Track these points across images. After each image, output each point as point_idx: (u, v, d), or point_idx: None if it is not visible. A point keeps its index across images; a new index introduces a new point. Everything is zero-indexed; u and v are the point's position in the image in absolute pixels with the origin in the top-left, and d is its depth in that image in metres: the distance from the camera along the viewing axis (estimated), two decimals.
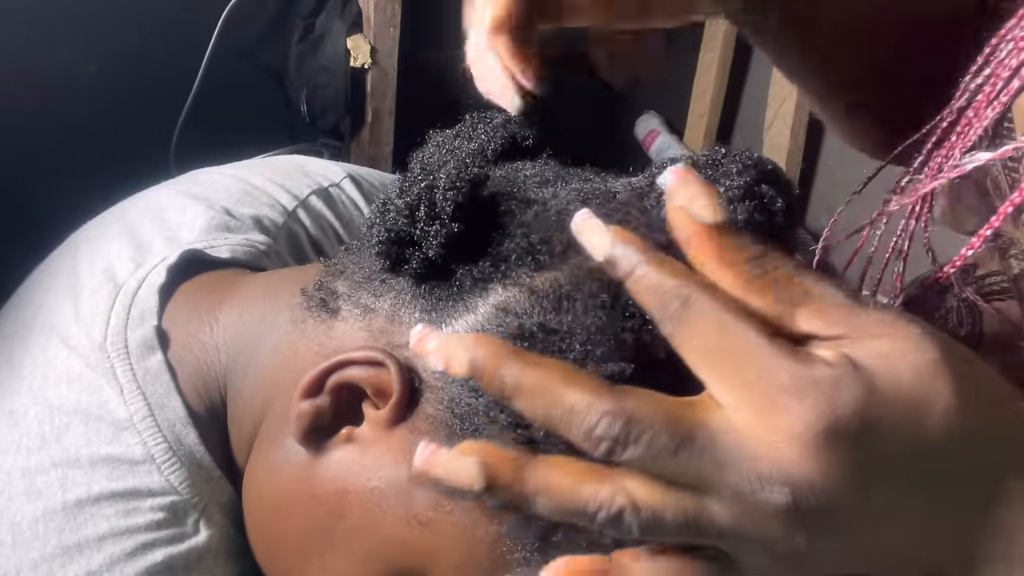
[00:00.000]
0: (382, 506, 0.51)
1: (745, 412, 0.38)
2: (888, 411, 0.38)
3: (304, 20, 1.49)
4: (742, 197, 0.47)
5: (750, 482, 0.37)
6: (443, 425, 0.50)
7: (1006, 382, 0.43)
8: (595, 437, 0.37)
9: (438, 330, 0.41)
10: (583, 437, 0.38)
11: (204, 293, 0.62)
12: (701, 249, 0.41)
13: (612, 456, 0.38)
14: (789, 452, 0.37)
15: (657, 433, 0.37)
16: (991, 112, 0.55)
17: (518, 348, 0.40)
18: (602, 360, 0.46)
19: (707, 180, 0.44)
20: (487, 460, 0.39)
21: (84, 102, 1.25)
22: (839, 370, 0.38)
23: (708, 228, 0.41)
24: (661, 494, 0.38)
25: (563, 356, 0.43)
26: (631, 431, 0.37)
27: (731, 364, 0.39)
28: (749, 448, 0.38)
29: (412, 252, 0.50)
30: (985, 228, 0.53)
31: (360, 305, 0.54)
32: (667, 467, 0.38)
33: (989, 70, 0.56)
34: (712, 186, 0.43)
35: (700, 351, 0.39)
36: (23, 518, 0.54)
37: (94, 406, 0.56)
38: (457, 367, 0.40)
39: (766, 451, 0.37)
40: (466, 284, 0.50)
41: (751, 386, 0.38)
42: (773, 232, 0.47)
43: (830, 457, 0.37)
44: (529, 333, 0.44)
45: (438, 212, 0.49)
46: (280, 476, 0.55)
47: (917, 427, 0.39)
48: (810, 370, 0.38)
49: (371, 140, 1.56)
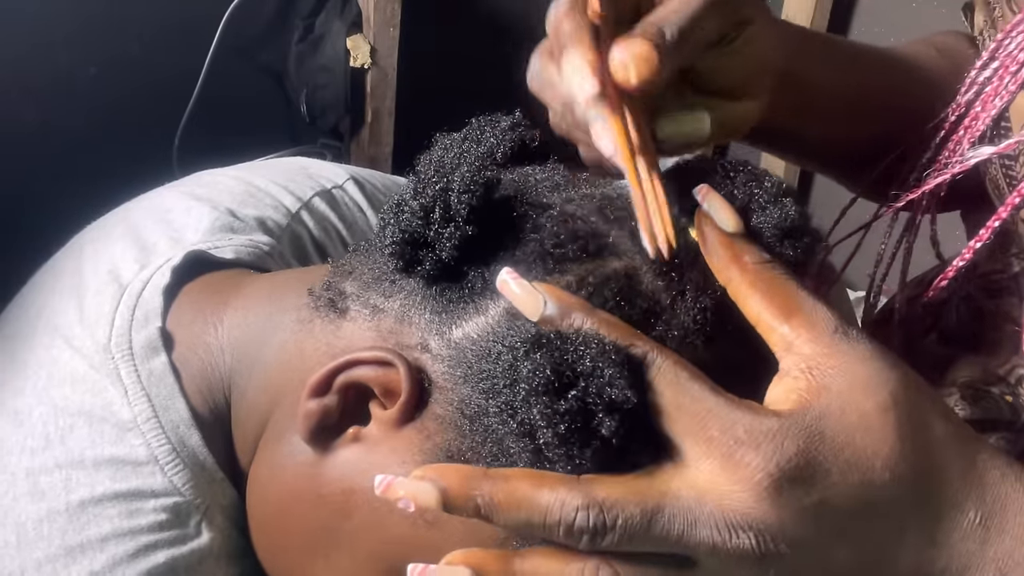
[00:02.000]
0: (388, 505, 0.51)
1: (708, 465, 0.41)
2: (837, 458, 0.42)
3: (304, 20, 1.49)
4: (780, 237, 0.49)
5: (720, 531, 0.41)
6: (452, 426, 0.50)
7: (956, 417, 0.46)
8: (576, 531, 0.41)
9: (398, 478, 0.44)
10: (564, 534, 0.41)
11: (208, 294, 0.62)
12: (721, 247, 0.46)
13: (594, 545, 0.41)
14: (750, 499, 0.41)
15: (629, 514, 0.41)
16: (999, 102, 0.56)
17: (481, 467, 0.43)
18: (617, 364, 0.46)
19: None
20: (474, 564, 0.43)
21: (86, 105, 1.26)
22: (791, 420, 0.41)
23: (727, 234, 0.47)
24: (644, 566, 0.42)
25: (578, 359, 0.43)
26: (606, 518, 0.41)
27: (694, 421, 0.42)
28: (714, 500, 0.41)
29: (425, 254, 0.50)
30: (992, 220, 0.54)
31: (369, 305, 0.54)
32: (646, 541, 0.41)
33: (997, 63, 0.56)
34: (727, 202, 0.48)
35: (664, 409, 0.43)
36: (27, 518, 0.54)
37: (98, 407, 0.56)
38: (426, 500, 0.42)
39: (729, 501, 0.41)
40: (477, 286, 0.50)
41: (713, 441, 0.41)
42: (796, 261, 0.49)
43: (785, 501, 0.41)
44: (546, 339, 0.44)
45: (453, 215, 0.49)
46: (286, 475, 0.55)
47: (864, 471, 0.42)
48: (763, 422, 0.41)
49: (371, 140, 1.56)
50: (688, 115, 0.53)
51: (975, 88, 0.58)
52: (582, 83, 0.47)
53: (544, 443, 0.43)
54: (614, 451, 0.43)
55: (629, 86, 0.47)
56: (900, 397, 0.43)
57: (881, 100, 0.66)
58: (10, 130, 1.14)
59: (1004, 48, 0.56)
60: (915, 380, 0.45)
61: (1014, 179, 0.56)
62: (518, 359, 0.44)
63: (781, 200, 0.49)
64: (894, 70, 0.69)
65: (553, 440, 0.42)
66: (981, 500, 0.44)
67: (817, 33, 0.68)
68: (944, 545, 0.43)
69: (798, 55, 0.61)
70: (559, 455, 0.43)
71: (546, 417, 0.42)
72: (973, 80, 0.58)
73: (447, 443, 0.50)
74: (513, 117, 0.57)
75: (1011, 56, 0.55)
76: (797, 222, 0.48)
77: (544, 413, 0.42)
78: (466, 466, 0.43)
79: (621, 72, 0.47)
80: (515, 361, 0.44)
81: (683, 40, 0.49)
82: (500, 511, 0.42)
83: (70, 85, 1.25)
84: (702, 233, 0.48)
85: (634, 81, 0.47)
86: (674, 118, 0.53)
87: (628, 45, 0.47)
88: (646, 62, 0.47)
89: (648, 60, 0.47)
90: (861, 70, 0.67)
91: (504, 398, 0.44)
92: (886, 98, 0.67)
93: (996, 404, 0.60)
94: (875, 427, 0.42)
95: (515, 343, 0.45)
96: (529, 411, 0.43)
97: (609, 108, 0.47)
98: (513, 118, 0.57)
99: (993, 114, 0.56)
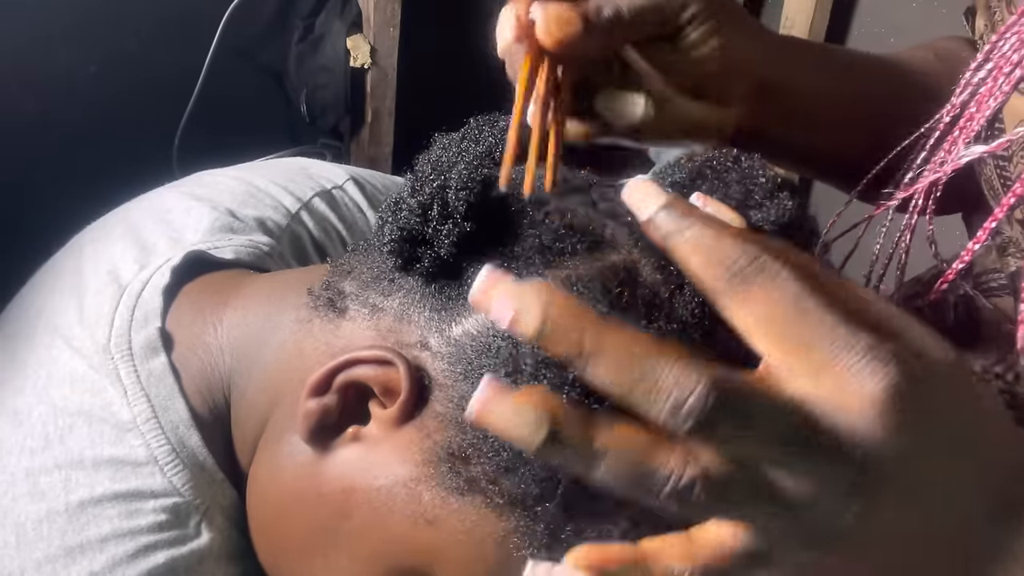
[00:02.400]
0: (388, 504, 0.51)
1: (825, 380, 0.37)
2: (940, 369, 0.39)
3: (304, 20, 1.49)
4: (777, 232, 0.48)
5: (825, 449, 0.37)
6: (453, 423, 0.50)
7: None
8: (685, 411, 0.35)
9: (506, 276, 0.37)
10: (669, 410, 0.35)
11: (208, 294, 0.62)
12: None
13: (694, 430, 0.36)
14: (869, 416, 0.37)
15: (744, 408, 0.36)
16: (993, 103, 0.56)
17: (593, 311, 0.37)
18: None
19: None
20: (553, 412, 0.36)
21: (85, 104, 1.26)
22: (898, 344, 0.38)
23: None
24: (734, 466, 0.37)
25: None
26: (721, 408, 0.35)
27: (811, 332, 0.37)
28: (828, 415, 0.37)
29: (424, 251, 0.51)
30: (989, 221, 0.54)
31: (368, 304, 0.54)
32: (748, 439, 0.37)
33: (991, 64, 0.56)
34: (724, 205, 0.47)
35: (771, 319, 0.38)
36: (27, 519, 0.54)
37: (97, 407, 0.56)
38: (527, 322, 0.36)
39: (846, 417, 0.37)
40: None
41: (833, 354, 0.37)
42: None
43: (904, 421, 0.37)
44: None
45: (451, 211, 0.49)
46: (285, 475, 0.55)
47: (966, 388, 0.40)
48: (884, 341, 0.37)
49: (371, 140, 1.56)
50: (625, 94, 0.55)
51: (969, 89, 0.58)
52: (504, 34, 0.51)
53: None
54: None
55: (545, 44, 0.49)
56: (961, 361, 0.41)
57: (878, 107, 0.67)
58: (10, 130, 1.14)
59: (998, 49, 0.56)
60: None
61: (1008, 179, 0.56)
62: (518, 346, 0.44)
63: (778, 195, 0.49)
64: (890, 76, 0.69)
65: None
66: None
67: (810, 42, 0.68)
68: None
69: (783, 63, 0.62)
70: None
71: (557, 388, 0.42)
72: (968, 81, 0.58)
73: (448, 441, 0.50)
74: (511, 118, 0.58)
75: (1005, 57, 0.55)
76: (794, 217, 0.49)
77: (555, 384, 0.42)
78: (576, 301, 0.37)
79: (537, 30, 0.49)
80: (515, 351, 0.44)
81: (619, 20, 0.51)
82: (603, 359, 0.36)
83: (70, 84, 1.25)
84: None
85: (545, 39, 0.49)
86: (611, 94, 0.55)
87: (550, 6, 0.49)
88: (563, 25, 0.49)
89: (566, 25, 0.49)
90: (856, 78, 0.68)
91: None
92: (883, 105, 0.67)
93: None
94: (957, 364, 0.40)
95: None
96: (540, 383, 0.43)
97: (524, 56, 0.50)
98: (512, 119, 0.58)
99: (988, 115, 0.57)
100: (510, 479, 0.49)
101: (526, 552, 0.50)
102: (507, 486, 0.49)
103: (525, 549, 0.50)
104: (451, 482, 0.50)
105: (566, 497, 0.49)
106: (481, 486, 0.49)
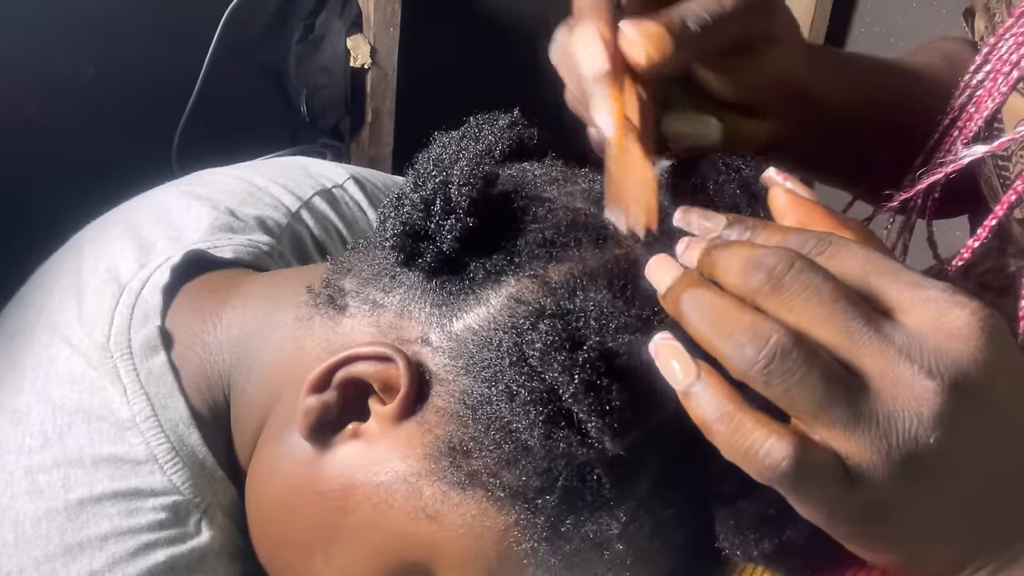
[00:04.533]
0: (389, 500, 0.51)
1: (923, 311, 0.39)
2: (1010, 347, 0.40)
3: (304, 20, 1.49)
4: None
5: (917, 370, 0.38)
6: (454, 417, 0.50)
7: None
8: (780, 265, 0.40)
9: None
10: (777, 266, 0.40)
11: (207, 293, 0.62)
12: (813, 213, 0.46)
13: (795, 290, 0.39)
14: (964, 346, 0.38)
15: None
16: (991, 104, 0.56)
17: None
18: (617, 342, 0.47)
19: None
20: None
21: (85, 105, 1.25)
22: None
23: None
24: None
25: (580, 336, 0.44)
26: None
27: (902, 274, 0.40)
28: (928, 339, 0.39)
29: (426, 246, 0.51)
30: (990, 219, 0.54)
31: (368, 301, 0.54)
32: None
33: (989, 66, 0.56)
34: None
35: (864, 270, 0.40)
36: (25, 517, 0.54)
37: (96, 406, 0.56)
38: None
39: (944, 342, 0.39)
40: (478, 277, 0.51)
41: (927, 290, 0.40)
42: None
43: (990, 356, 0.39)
44: (549, 314, 0.45)
45: (453, 207, 0.50)
46: (285, 472, 0.55)
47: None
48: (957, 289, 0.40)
49: (371, 140, 1.56)
50: (697, 116, 0.53)
51: (968, 91, 0.58)
52: (590, 57, 0.47)
53: (571, 395, 0.43)
54: (642, 389, 0.44)
55: (638, 65, 0.47)
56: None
57: (905, 118, 0.65)
58: (9, 129, 1.14)
59: (996, 51, 0.56)
60: None
61: (1008, 179, 0.56)
62: (522, 334, 0.45)
63: None
64: (913, 86, 0.68)
65: (580, 389, 0.43)
66: None
67: (838, 53, 0.65)
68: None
69: (822, 77, 0.60)
70: (588, 406, 0.43)
71: (567, 370, 0.43)
72: (967, 83, 0.58)
73: (449, 435, 0.50)
74: (511, 116, 0.58)
75: (1003, 58, 0.55)
76: None
77: (565, 366, 0.43)
78: None
79: (630, 50, 0.46)
80: (519, 338, 0.45)
81: (703, 35, 0.48)
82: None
83: (70, 84, 1.25)
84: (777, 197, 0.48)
85: (643, 60, 0.47)
86: (683, 116, 0.53)
87: (642, 24, 0.47)
88: (657, 43, 0.46)
89: (659, 42, 0.46)
90: (883, 90, 0.66)
91: (509, 378, 0.45)
92: (907, 115, 0.65)
93: None
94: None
95: (517, 323, 0.46)
96: (548, 369, 0.43)
97: (614, 84, 0.47)
98: (511, 116, 0.58)
99: (986, 115, 0.57)
100: (511, 472, 0.49)
101: (526, 545, 0.50)
102: (508, 479, 0.49)
103: (526, 542, 0.50)
104: (452, 476, 0.50)
105: (566, 489, 0.49)
106: (482, 480, 0.50)
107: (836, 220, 0.46)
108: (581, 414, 0.44)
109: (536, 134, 0.58)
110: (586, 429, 0.45)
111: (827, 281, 0.39)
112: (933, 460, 0.38)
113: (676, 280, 0.42)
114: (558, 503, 0.49)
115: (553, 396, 0.45)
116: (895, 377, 0.38)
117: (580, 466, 0.48)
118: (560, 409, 0.45)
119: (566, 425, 0.45)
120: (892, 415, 0.38)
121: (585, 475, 0.49)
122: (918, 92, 0.67)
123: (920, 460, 0.38)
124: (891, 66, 0.70)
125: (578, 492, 0.49)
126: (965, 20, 0.68)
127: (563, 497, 0.49)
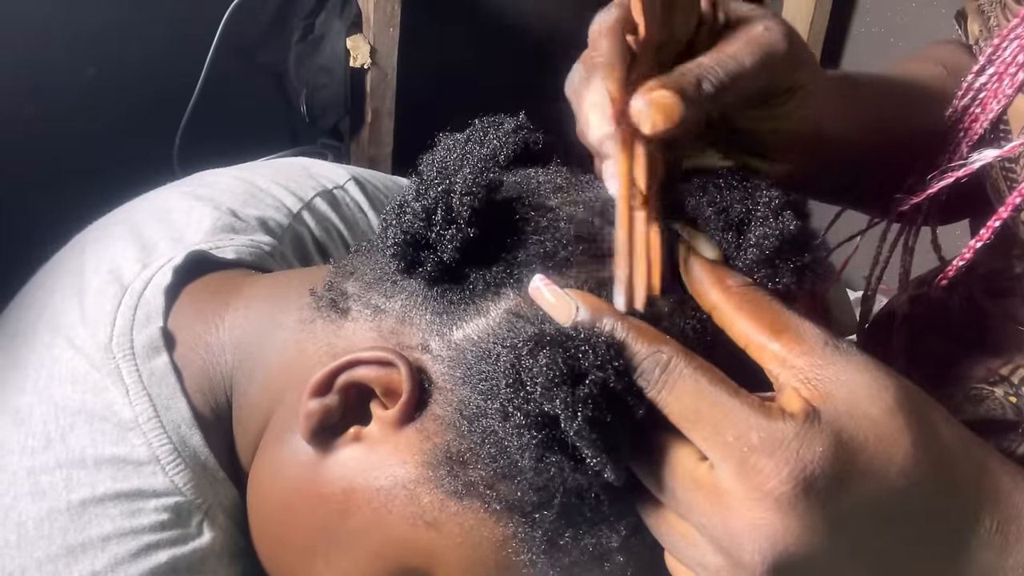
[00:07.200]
0: (388, 506, 0.51)
1: (725, 471, 0.41)
2: (852, 465, 0.41)
3: (304, 20, 1.49)
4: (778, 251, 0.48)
5: (728, 536, 0.41)
6: (452, 427, 0.50)
7: (957, 422, 0.45)
8: None
9: None
10: None
11: (210, 294, 0.62)
12: (704, 273, 0.47)
13: None
14: (764, 510, 0.40)
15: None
16: (996, 106, 0.56)
17: None
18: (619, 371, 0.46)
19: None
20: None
21: (86, 105, 1.25)
22: (805, 426, 0.41)
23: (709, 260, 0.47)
24: None
25: (582, 369, 0.43)
26: None
27: (710, 426, 0.42)
28: (725, 506, 0.41)
29: (427, 255, 0.50)
30: (993, 220, 0.54)
31: (371, 306, 0.54)
32: None
33: (992, 69, 0.56)
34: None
35: (682, 414, 0.43)
36: (28, 518, 0.54)
37: (99, 406, 0.56)
38: None
39: (743, 509, 0.40)
40: (478, 288, 0.50)
41: (729, 447, 0.41)
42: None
43: (803, 512, 0.40)
44: (549, 341, 0.44)
45: (454, 216, 0.49)
46: (286, 475, 0.55)
47: (880, 479, 0.41)
48: (779, 427, 0.41)
49: (371, 140, 1.56)
50: (717, 157, 0.53)
51: (971, 94, 0.58)
52: (598, 121, 0.47)
53: (575, 432, 0.43)
54: (640, 429, 0.44)
55: (643, 133, 0.46)
56: (904, 402, 0.42)
57: (916, 141, 0.63)
58: (10, 129, 1.14)
59: (1000, 53, 0.56)
60: (913, 386, 0.44)
61: (1015, 181, 0.56)
62: (521, 358, 0.44)
63: (781, 214, 0.48)
64: (921, 106, 0.65)
65: (584, 426, 0.43)
66: (995, 507, 0.43)
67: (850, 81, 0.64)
68: (962, 555, 0.43)
69: (836, 116, 0.58)
70: (591, 442, 0.43)
71: (570, 406, 0.42)
72: (969, 86, 0.58)
73: (447, 444, 0.50)
74: (517, 119, 0.57)
75: (1007, 61, 0.55)
76: (797, 236, 0.48)
77: (567, 402, 0.42)
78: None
79: (637, 118, 0.46)
80: (517, 361, 0.44)
81: (720, 94, 0.48)
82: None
83: (70, 84, 1.25)
84: (685, 262, 0.48)
85: (647, 130, 0.46)
86: (704, 156, 0.52)
87: (651, 94, 0.46)
88: (665, 113, 0.45)
89: (668, 111, 0.45)
90: (895, 117, 0.64)
91: (505, 398, 0.45)
92: (918, 139, 0.63)
93: (1000, 405, 0.60)
94: (886, 432, 0.41)
95: (516, 343, 0.45)
96: (549, 402, 0.43)
97: (622, 147, 0.47)
98: (516, 120, 0.57)
99: (991, 118, 0.56)
100: (507, 485, 0.49)
101: (524, 557, 0.50)
102: (504, 492, 0.49)
103: (524, 554, 0.50)
104: (449, 485, 0.50)
105: (565, 506, 0.48)
106: (479, 491, 0.50)
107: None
108: (584, 449, 0.43)
109: (541, 139, 0.57)
110: (584, 458, 0.44)
111: None
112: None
113: None
114: (556, 518, 0.49)
115: (548, 422, 0.44)
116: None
117: (578, 486, 0.48)
118: (555, 436, 0.44)
119: (559, 451, 0.44)
120: None
121: (583, 494, 0.48)
122: (937, 115, 0.63)
123: None
124: (907, 89, 0.67)
125: (577, 508, 0.49)
126: (957, 23, 0.68)
127: (561, 512, 0.49)
